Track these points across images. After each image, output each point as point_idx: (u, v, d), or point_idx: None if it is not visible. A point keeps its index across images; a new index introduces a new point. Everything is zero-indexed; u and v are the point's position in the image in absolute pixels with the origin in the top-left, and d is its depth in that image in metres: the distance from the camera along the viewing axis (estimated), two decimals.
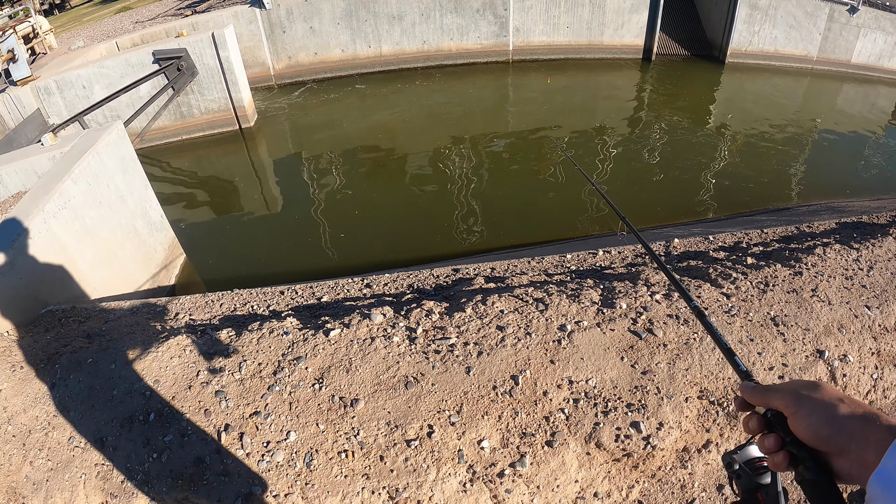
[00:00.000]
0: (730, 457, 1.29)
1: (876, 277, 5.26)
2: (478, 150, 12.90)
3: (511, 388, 3.09)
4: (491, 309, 3.51)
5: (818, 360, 4.09)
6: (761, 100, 19.87)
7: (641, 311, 3.76)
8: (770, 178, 13.94)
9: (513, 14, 16.85)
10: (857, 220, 8.31)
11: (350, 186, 11.17)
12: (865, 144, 18.48)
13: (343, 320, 3.59)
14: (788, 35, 22.27)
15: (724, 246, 6.29)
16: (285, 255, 9.16)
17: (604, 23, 18.45)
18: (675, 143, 15.06)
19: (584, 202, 10.98)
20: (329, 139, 13.16)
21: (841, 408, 0.98)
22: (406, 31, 16.14)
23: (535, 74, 17.35)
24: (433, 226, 10.00)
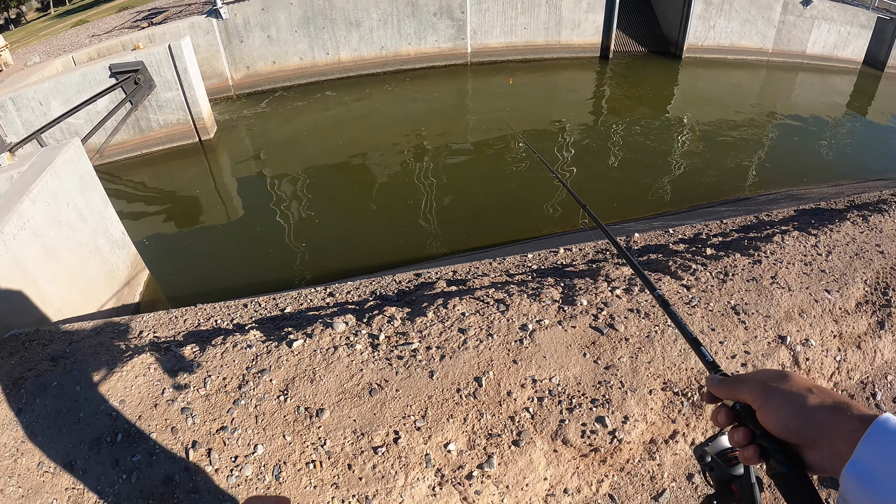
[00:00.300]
0: (701, 449, 1.27)
1: (835, 262, 5.36)
2: (440, 153, 12.92)
3: (475, 390, 3.09)
4: (452, 312, 3.51)
5: (780, 345, 4.15)
6: (719, 93, 20.19)
7: (602, 306, 3.79)
8: (730, 170, 14.16)
9: (470, 17, 16.91)
10: (816, 206, 8.45)
11: (312, 195, 11.12)
12: (823, 132, 18.86)
13: (306, 330, 3.57)
14: (743, 28, 22.64)
15: (683, 238, 6.36)
16: (249, 268, 9.09)
17: (560, 22, 18.60)
18: (634, 138, 15.24)
19: (547, 201, 11.06)
20: (290, 148, 13.08)
21: (810, 398, 0.96)
22: (364, 37, 16.10)
23: (493, 76, 17.45)
24: (397, 231, 10.00)
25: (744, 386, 1.05)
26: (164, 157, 13.17)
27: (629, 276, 4.36)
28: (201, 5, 16.10)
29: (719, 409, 1.09)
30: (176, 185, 12.42)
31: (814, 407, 0.94)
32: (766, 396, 0.99)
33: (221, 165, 12.97)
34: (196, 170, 12.80)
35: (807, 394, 0.97)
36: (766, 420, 0.98)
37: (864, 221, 6.46)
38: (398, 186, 11.62)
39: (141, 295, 8.58)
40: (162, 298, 8.68)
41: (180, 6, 17.86)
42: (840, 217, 6.65)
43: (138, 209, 11.39)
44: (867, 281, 5.26)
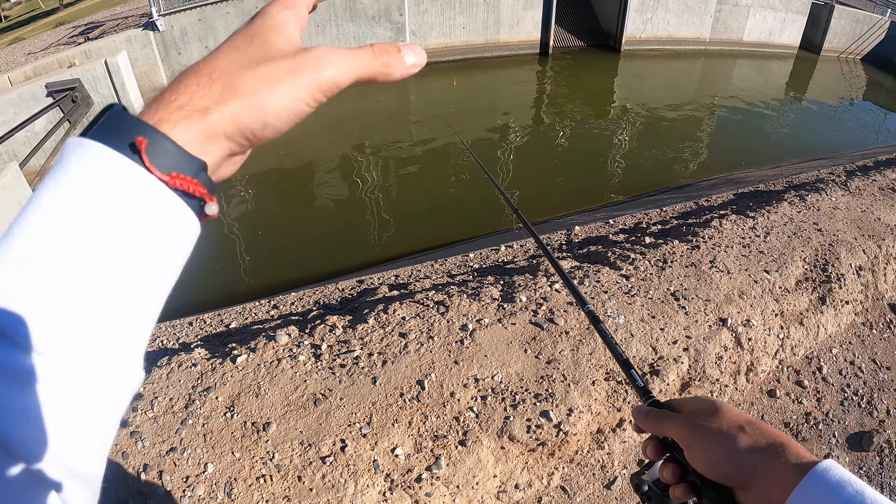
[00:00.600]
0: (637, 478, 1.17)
1: (773, 242, 5.50)
2: (383, 158, 12.89)
3: (418, 394, 3.11)
4: (393, 317, 3.52)
5: (721, 327, 4.25)
6: (659, 84, 20.52)
7: (541, 301, 3.84)
8: (672, 158, 14.41)
9: (408, 19, 16.89)
10: (755, 189, 8.67)
11: (255, 207, 10.99)
12: (762, 117, 19.34)
13: (249, 345, 3.55)
14: (681, 19, 23.03)
15: (624, 228, 6.47)
16: (193, 285, 8.96)
17: (499, 20, 18.68)
18: (577, 132, 15.41)
19: (493, 200, 11.14)
20: None
21: (741, 439, 0.89)
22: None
23: (434, 77, 17.44)
24: (342, 238, 9.96)
25: (670, 422, 0.99)
26: None
27: (567, 270, 4.42)
28: (138, 18, 15.78)
29: (648, 442, 1.04)
30: None
31: (745, 450, 0.88)
32: (692, 436, 0.94)
33: None
34: None
35: (738, 433, 0.90)
36: (693, 461, 0.92)
37: (802, 201, 6.64)
38: (341, 194, 11.56)
39: None
40: None
41: (117, 20, 17.50)
42: (778, 198, 6.82)
43: None
44: (806, 259, 5.41)
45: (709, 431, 0.92)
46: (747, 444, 0.88)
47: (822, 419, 4.61)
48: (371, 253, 9.44)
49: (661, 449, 1.01)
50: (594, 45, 22.14)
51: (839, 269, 5.47)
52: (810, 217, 6.22)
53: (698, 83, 21.99)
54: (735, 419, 0.93)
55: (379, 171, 12.30)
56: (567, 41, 21.43)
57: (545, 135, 15.06)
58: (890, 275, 6.16)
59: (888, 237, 6.28)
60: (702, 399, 1.02)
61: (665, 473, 0.96)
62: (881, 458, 4.53)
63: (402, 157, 13.06)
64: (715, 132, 17.06)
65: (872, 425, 4.69)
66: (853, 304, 5.53)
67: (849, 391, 4.90)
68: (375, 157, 12.90)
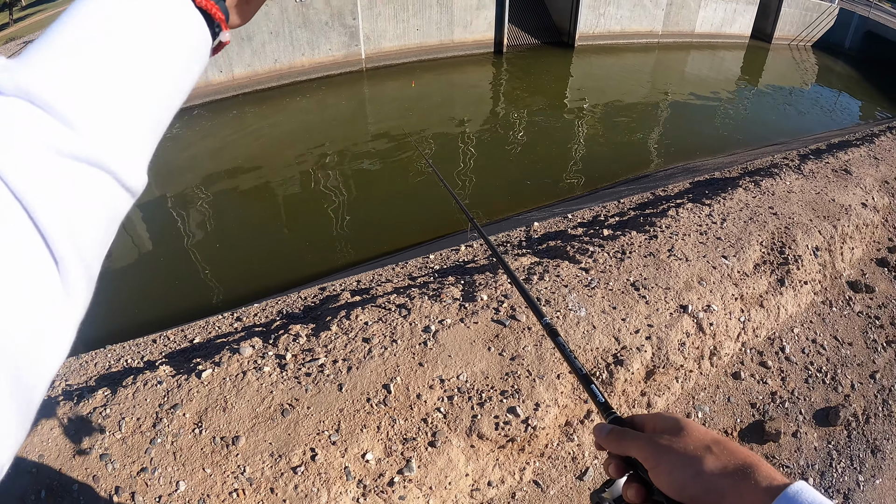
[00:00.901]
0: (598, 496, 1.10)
1: (730, 228, 5.60)
2: (342, 163, 12.85)
3: (385, 398, 3.12)
4: (355, 322, 3.52)
5: (682, 314, 4.31)
6: (613, 77, 20.78)
7: (503, 299, 3.86)
8: (628, 150, 14.61)
9: (362, 22, 16.86)
10: (710, 177, 8.82)
11: (216, 219, 10.87)
12: (717, 105, 19.70)
13: (214, 359, 3.53)
14: (633, 13, 23.36)
15: (582, 222, 6.54)
16: (159, 301, 8.87)
17: (453, 21, 18.74)
18: (534, 128, 15.53)
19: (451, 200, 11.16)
20: (190, 172, 12.67)
21: (708, 461, 0.85)
22: (256, 51, 15.80)
23: (390, 80, 17.45)
24: (304, 246, 9.92)
25: (633, 442, 0.93)
26: None
27: (528, 266, 4.46)
28: None
29: (610, 460, 0.98)
30: None
31: (712, 471, 0.84)
32: (657, 456, 0.89)
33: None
34: None
35: (704, 454, 0.86)
36: (659, 482, 0.88)
37: (757, 186, 6.77)
38: (302, 201, 11.50)
39: None
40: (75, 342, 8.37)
41: None
42: (733, 185, 6.94)
43: None
44: (763, 242, 5.51)
45: (673, 452, 0.88)
46: (715, 466, 0.84)
47: (788, 397, 4.70)
48: (333, 259, 9.43)
49: (624, 467, 0.96)
50: (548, 42, 22.34)
51: (796, 250, 5.58)
52: (766, 202, 6.34)
53: (652, 76, 22.31)
54: (701, 438, 0.89)
55: (337, 177, 12.26)
56: (521, 39, 21.59)
57: (502, 133, 15.16)
58: (847, 253, 6.31)
59: (843, 217, 6.43)
60: (666, 416, 0.98)
61: (629, 493, 0.92)
62: (848, 431, 4.63)
63: (360, 163, 13.03)
64: (670, 123, 17.33)
65: (838, 400, 4.79)
66: (812, 283, 5.65)
67: (812, 368, 5.01)
68: (333, 163, 12.84)
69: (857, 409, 4.78)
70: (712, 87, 21.35)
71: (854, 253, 6.49)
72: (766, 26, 28.79)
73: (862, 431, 4.67)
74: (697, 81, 21.86)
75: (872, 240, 6.98)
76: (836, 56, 29.97)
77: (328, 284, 4.87)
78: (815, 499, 0.75)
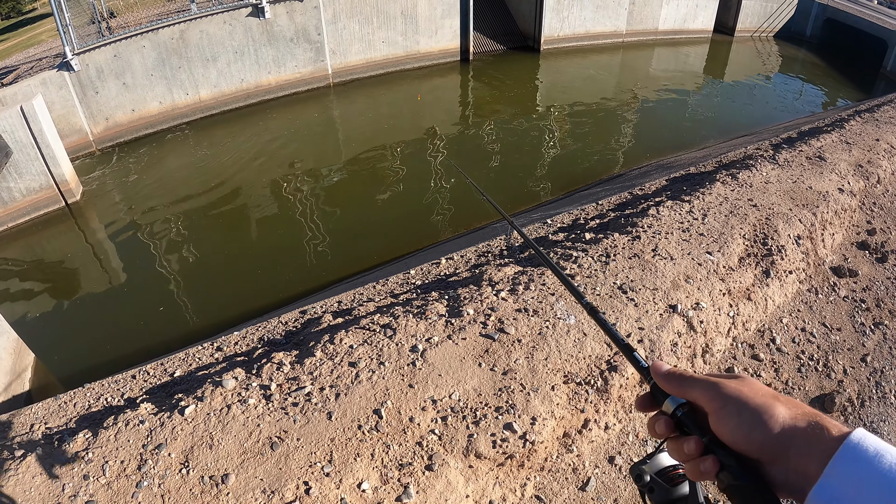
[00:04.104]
0: (639, 468, 1.09)
1: (711, 223, 5.57)
2: (315, 180, 12.75)
3: (377, 423, 3.01)
4: (340, 346, 3.41)
5: (672, 314, 4.26)
6: (581, 79, 20.91)
7: (489, 312, 3.78)
8: (601, 151, 14.66)
9: (327, 37, 16.78)
10: (686, 172, 8.81)
11: (192, 243, 10.71)
12: (685, 100, 19.89)
13: (196, 393, 3.40)
14: (596, 14, 23.53)
15: (563, 226, 6.48)
16: (137, 332, 8.68)
17: (418, 31, 18.73)
18: (505, 134, 15.54)
19: (427, 212, 11.14)
20: (162, 197, 12.50)
21: (779, 409, 0.83)
22: (222, 71, 15.65)
23: (358, 94, 17.37)
24: (282, 266, 9.80)
25: (697, 383, 0.90)
26: (33, 228, 12.30)
27: (512, 276, 4.38)
28: (52, 59, 15.24)
29: (657, 417, 0.94)
30: (49, 257, 11.69)
31: (782, 419, 0.82)
32: (723, 399, 0.86)
33: (94, 228, 12.26)
34: (67, 236, 12.05)
35: (773, 402, 0.84)
36: (721, 427, 0.85)
37: (734, 179, 6.76)
38: (277, 221, 11.36)
39: (31, 382, 8.02)
40: (53, 381, 8.15)
41: (31, 62, 16.88)
42: (710, 179, 6.93)
43: (13, 288, 10.65)
44: (745, 235, 5.49)
45: (743, 396, 0.85)
46: (787, 414, 0.82)
47: (783, 389, 4.67)
48: (312, 279, 9.31)
49: (673, 425, 0.92)
50: (514, 47, 22.42)
51: (779, 241, 5.57)
52: (744, 194, 6.33)
53: (619, 75, 22.47)
54: (766, 389, 0.87)
55: (311, 194, 12.15)
56: (487, 46, 21.64)
57: (474, 140, 15.15)
58: (828, 240, 6.31)
59: (821, 204, 6.44)
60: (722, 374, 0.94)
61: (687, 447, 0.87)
62: (845, 416, 4.61)
63: (333, 179, 12.93)
64: (640, 121, 17.44)
65: (832, 387, 4.78)
66: (797, 272, 5.64)
67: (804, 357, 4.99)
68: (305, 181, 12.73)
69: (851, 394, 4.77)
70: (679, 83, 21.54)
71: (835, 238, 6.50)
72: (728, 20, 29.16)
73: (858, 416, 4.66)
74: (664, 78, 22.05)
75: (851, 224, 7.00)
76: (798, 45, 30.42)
77: (309, 307, 4.76)
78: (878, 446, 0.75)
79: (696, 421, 0.89)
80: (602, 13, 23.67)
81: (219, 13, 15.03)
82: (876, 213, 7.47)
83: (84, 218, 12.40)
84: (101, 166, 13.99)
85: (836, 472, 0.74)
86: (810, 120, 14.70)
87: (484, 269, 4.80)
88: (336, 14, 16.81)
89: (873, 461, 0.73)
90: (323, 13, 16.44)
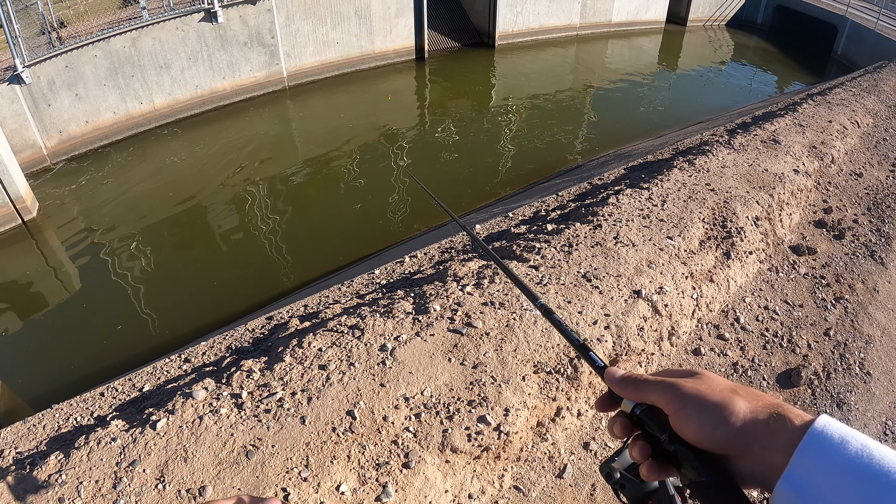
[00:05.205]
0: (608, 466, 1.06)
1: (671, 209, 5.66)
2: (275, 186, 12.61)
3: (351, 425, 3.01)
4: (309, 350, 3.40)
5: (637, 299, 4.32)
6: (536, 73, 21.05)
7: (456, 307, 3.80)
8: (559, 143, 14.79)
9: (281, 40, 16.62)
10: (644, 160, 8.94)
11: (154, 254, 10.52)
12: (640, 90, 20.16)
13: (167, 407, 3.37)
14: (550, 9, 23.70)
15: (524, 219, 6.53)
16: (103, 348, 8.53)
17: (372, 32, 18.65)
18: (463, 131, 15.57)
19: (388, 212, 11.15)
20: (121, 209, 12.24)
21: (738, 403, 0.82)
22: (176, 78, 15.38)
23: (314, 96, 17.24)
24: (246, 273, 9.70)
25: (653, 385, 0.89)
26: None
27: (476, 271, 4.41)
28: (2, 72, 14.86)
29: (615, 420, 0.93)
30: (7, 277, 11.38)
31: (743, 413, 0.81)
32: (681, 399, 0.85)
33: (52, 245, 11.96)
34: (25, 256, 11.73)
35: (732, 397, 0.83)
36: (683, 428, 0.84)
37: (691, 165, 6.87)
38: (238, 228, 11.21)
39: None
40: (22, 404, 7.99)
41: None
42: (668, 166, 7.03)
43: None
44: (705, 219, 5.58)
45: (700, 394, 0.84)
46: (746, 408, 0.81)
47: (750, 366, 4.76)
48: (276, 284, 9.23)
49: (630, 426, 0.92)
50: (469, 43, 22.48)
51: (738, 223, 5.68)
52: (702, 179, 6.44)
53: (574, 68, 22.69)
54: (724, 382, 0.86)
55: (270, 199, 12.03)
56: (442, 43, 21.66)
57: (432, 138, 15.15)
58: (786, 220, 6.45)
59: (778, 185, 6.57)
60: (677, 369, 0.93)
61: (634, 452, 0.89)
62: (812, 389, 4.71)
63: (292, 181, 12.80)
64: (596, 112, 17.63)
65: (797, 361, 4.88)
66: (756, 253, 5.75)
67: (769, 334, 5.09)
68: (264, 185, 12.58)
69: (816, 367, 4.88)
70: (633, 73, 21.82)
71: (792, 218, 6.64)
72: (681, 10, 29.64)
73: (825, 388, 4.76)
74: (619, 70, 22.31)
75: (808, 203, 7.16)
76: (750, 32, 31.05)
77: (275, 313, 4.73)
78: (842, 429, 0.74)
79: (655, 419, 0.89)
80: (556, 7, 23.85)
81: (171, 19, 14.76)
82: (832, 192, 7.65)
83: (42, 236, 12.12)
84: (57, 181, 13.67)
85: (802, 461, 0.74)
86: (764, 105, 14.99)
87: (448, 265, 4.81)
88: (290, 16, 16.65)
89: (839, 448, 0.73)
90: (276, 16, 16.27)
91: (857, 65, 24.09)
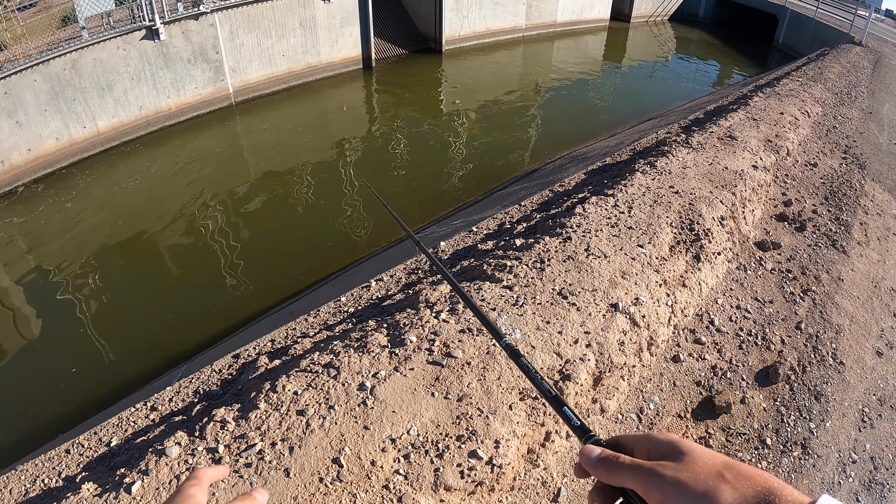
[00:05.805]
0: None
1: (638, 215, 5.63)
2: (226, 207, 12.25)
3: (338, 473, 2.87)
4: (284, 394, 3.24)
5: (615, 313, 4.26)
6: (484, 77, 21.13)
7: (433, 337, 3.67)
8: (512, 147, 14.79)
9: (225, 55, 16.29)
10: (603, 164, 8.95)
11: (107, 289, 10.08)
12: (588, 88, 20.38)
13: (139, 467, 3.18)
14: (496, 12, 23.85)
15: (489, 233, 6.45)
16: (59, 394, 8.16)
17: (318, 43, 18.43)
18: (414, 139, 15.47)
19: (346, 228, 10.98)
20: (70, 242, 11.73)
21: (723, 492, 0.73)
22: (119, 100, 14.91)
23: (262, 111, 16.95)
24: (205, 302, 9.39)
25: (629, 472, 0.81)
26: None
27: (448, 295, 4.29)
28: None
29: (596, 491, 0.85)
30: None
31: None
32: (660, 490, 0.76)
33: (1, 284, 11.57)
34: None
35: (718, 484, 0.74)
36: None
37: (653, 168, 6.87)
38: (192, 254, 10.81)
39: None
40: None
41: None
42: (630, 170, 7.02)
43: None
44: (672, 223, 5.57)
45: (681, 484, 0.75)
46: (733, 498, 0.72)
47: (728, 367, 4.76)
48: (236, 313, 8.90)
49: (612, 495, 0.84)
50: (416, 50, 22.48)
51: (704, 224, 5.68)
52: (665, 182, 6.44)
53: (522, 69, 22.83)
54: (710, 464, 0.77)
55: (223, 221, 11.69)
56: (389, 51, 21.59)
57: (383, 148, 14.98)
58: (749, 216, 6.49)
59: (738, 183, 6.62)
60: (657, 438, 0.85)
61: None
62: (790, 384, 4.73)
63: (245, 203, 12.44)
64: (546, 113, 17.73)
65: (773, 358, 4.90)
66: (724, 253, 5.77)
67: (743, 334, 5.11)
68: (216, 208, 12.21)
69: (792, 362, 4.90)
70: (580, 71, 22.08)
71: (755, 214, 6.69)
72: (624, 7, 30.17)
73: (802, 382, 4.78)
74: (566, 68, 22.51)
75: (768, 198, 7.23)
76: (692, 26, 31.75)
77: (242, 350, 4.54)
78: None
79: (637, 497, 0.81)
80: (501, 9, 23.99)
81: (112, 38, 14.31)
82: (790, 185, 7.75)
83: None
84: (2, 214, 13.14)
85: None
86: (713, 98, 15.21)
87: (418, 288, 4.69)
88: (234, 30, 16.34)
89: None
90: (220, 30, 15.94)
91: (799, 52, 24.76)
